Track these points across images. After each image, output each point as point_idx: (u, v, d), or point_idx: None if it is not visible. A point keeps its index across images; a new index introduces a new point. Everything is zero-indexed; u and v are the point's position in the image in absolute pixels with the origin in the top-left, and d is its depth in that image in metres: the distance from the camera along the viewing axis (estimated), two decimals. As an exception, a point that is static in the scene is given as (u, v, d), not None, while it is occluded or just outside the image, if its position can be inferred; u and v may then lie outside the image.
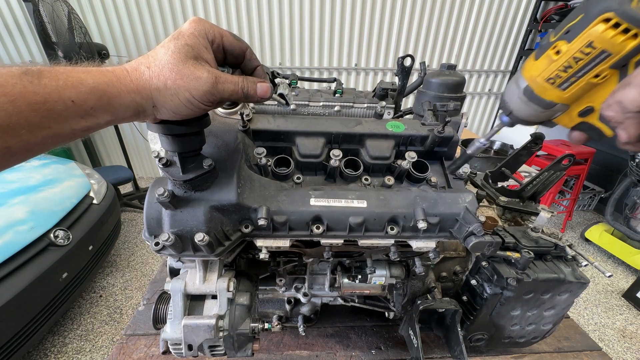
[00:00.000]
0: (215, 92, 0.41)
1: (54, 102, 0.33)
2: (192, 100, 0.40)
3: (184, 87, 0.39)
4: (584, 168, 3.24)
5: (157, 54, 0.40)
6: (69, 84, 0.34)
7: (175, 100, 0.40)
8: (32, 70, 0.33)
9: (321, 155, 0.70)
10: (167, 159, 0.53)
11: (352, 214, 0.61)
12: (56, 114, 0.34)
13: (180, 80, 0.39)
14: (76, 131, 0.37)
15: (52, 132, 0.35)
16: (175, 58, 0.39)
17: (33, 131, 0.33)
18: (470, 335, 0.85)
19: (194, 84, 0.39)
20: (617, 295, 2.63)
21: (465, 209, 0.63)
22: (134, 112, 0.40)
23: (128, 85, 0.38)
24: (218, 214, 0.57)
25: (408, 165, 0.66)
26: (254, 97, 0.46)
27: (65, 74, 0.35)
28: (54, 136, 0.35)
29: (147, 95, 0.39)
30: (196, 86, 0.40)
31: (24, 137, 0.33)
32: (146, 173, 4.27)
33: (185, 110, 0.42)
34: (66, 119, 0.35)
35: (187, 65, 0.39)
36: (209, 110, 0.45)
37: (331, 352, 0.96)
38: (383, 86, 0.85)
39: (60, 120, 0.34)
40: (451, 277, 0.87)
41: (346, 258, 0.83)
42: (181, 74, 0.39)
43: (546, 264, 0.76)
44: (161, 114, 0.42)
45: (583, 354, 0.99)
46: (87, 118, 0.36)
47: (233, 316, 0.70)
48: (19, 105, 0.31)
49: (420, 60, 3.67)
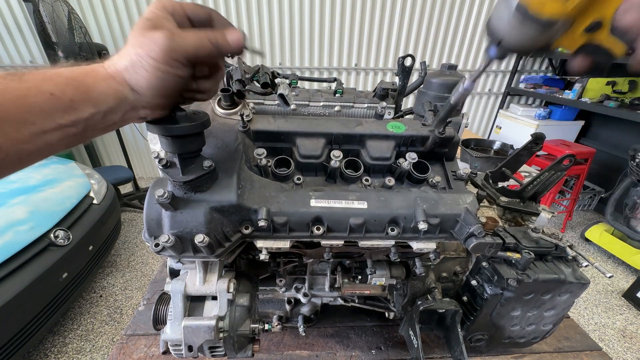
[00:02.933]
0: (176, 47, 0.39)
1: (34, 95, 0.34)
2: (157, 66, 0.39)
3: (145, 54, 0.38)
4: (584, 168, 3.25)
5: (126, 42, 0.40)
6: (47, 77, 0.36)
7: (143, 72, 0.39)
8: (16, 72, 0.35)
9: (321, 156, 0.70)
10: (167, 160, 0.53)
11: (352, 215, 0.61)
12: (38, 108, 0.35)
13: (140, 48, 0.38)
14: (63, 127, 0.37)
15: (38, 129, 0.35)
16: (136, 34, 0.39)
17: (19, 128, 0.34)
18: (470, 335, 0.85)
19: (152, 46, 0.38)
20: (617, 295, 2.63)
21: (465, 210, 0.62)
22: (114, 100, 0.39)
23: (102, 73, 0.39)
24: (218, 215, 0.57)
25: (409, 166, 0.66)
26: (227, 47, 0.43)
27: (45, 70, 0.37)
28: (42, 133, 0.35)
29: (121, 79, 0.39)
30: (154, 47, 0.38)
31: (11, 134, 0.33)
32: (146, 173, 4.27)
33: (158, 82, 0.40)
34: (49, 113, 0.35)
35: (144, 35, 0.38)
36: (182, 75, 0.42)
37: (331, 352, 0.96)
38: (383, 86, 0.85)
39: (43, 114, 0.35)
40: (451, 277, 0.87)
41: (346, 259, 0.83)
42: (140, 43, 0.38)
43: (547, 264, 0.76)
44: (144, 98, 0.41)
45: (583, 354, 0.99)
46: (69, 112, 0.37)
47: (233, 317, 0.70)
48: (1, 100, 0.33)
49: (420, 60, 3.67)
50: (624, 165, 2.93)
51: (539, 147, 0.92)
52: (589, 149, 3.30)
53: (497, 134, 4.03)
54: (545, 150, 3.29)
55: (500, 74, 4.00)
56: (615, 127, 3.54)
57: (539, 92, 3.74)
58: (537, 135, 0.90)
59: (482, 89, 4.09)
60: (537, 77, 3.93)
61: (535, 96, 3.98)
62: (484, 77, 3.99)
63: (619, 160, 3.42)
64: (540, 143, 0.91)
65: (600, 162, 3.59)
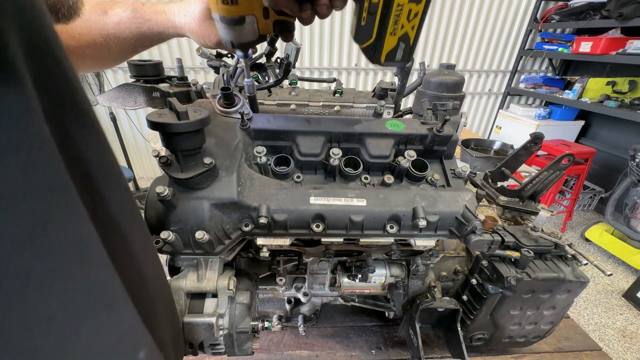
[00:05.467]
0: (218, 47, 0.67)
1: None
2: (203, 44, 0.66)
3: (201, 36, 0.64)
4: (584, 168, 3.25)
5: (190, 7, 0.64)
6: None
7: (194, 37, 0.65)
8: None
9: (321, 154, 0.70)
10: (168, 157, 0.53)
11: (352, 213, 0.61)
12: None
13: (200, 32, 0.64)
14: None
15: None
16: (199, 17, 0.63)
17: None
18: (470, 334, 0.85)
19: (207, 38, 0.64)
20: (617, 295, 2.63)
21: (464, 207, 0.63)
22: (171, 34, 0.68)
23: (171, 20, 0.67)
24: (218, 213, 0.58)
25: (407, 164, 0.67)
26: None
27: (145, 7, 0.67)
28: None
29: (179, 29, 0.67)
30: (207, 39, 0.65)
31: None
32: (146, 173, 4.27)
33: (198, 41, 0.66)
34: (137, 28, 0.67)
35: (204, 24, 0.63)
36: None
37: (331, 352, 0.96)
38: (382, 86, 0.86)
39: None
40: (451, 276, 0.87)
41: (346, 257, 0.83)
42: (201, 28, 0.63)
43: (546, 263, 0.76)
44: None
45: (583, 354, 0.99)
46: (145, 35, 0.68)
47: (233, 315, 0.70)
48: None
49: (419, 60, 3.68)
50: (624, 165, 2.94)
51: (538, 146, 0.92)
52: (589, 148, 3.30)
53: (497, 134, 4.03)
54: (545, 150, 3.29)
55: (500, 74, 4.00)
56: (615, 127, 3.54)
57: (539, 92, 3.74)
58: (536, 135, 0.90)
59: (482, 88, 4.09)
60: (537, 77, 3.94)
61: (535, 96, 3.99)
62: (484, 77, 4.00)
63: (619, 160, 3.42)
64: (539, 143, 0.91)
65: (600, 162, 3.59)
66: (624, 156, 3.09)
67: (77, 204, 0.24)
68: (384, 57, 0.52)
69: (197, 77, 3.57)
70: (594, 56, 3.11)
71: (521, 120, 3.71)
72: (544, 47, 3.64)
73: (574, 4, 3.19)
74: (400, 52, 0.52)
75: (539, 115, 3.69)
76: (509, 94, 4.09)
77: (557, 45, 3.53)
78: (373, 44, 0.51)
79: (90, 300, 0.25)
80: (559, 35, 3.61)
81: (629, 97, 3.13)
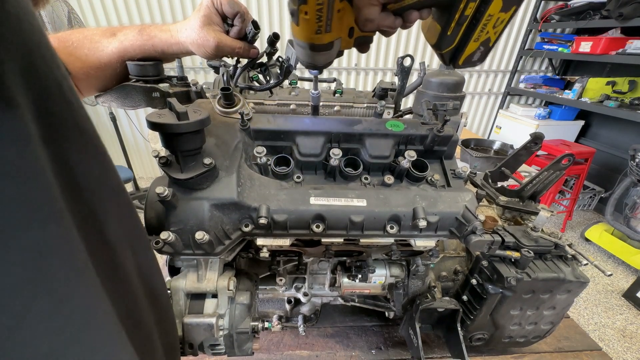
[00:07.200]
0: (218, 52, 0.67)
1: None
2: (204, 53, 0.67)
3: (201, 45, 0.66)
4: (584, 168, 3.25)
5: (190, 21, 0.66)
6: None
7: (194, 48, 0.67)
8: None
9: (321, 155, 0.70)
10: (168, 158, 0.53)
11: (352, 213, 0.61)
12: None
13: (199, 40, 0.65)
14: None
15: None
16: (198, 26, 0.64)
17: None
18: (470, 335, 0.85)
19: (206, 44, 0.65)
20: (617, 295, 2.63)
21: (464, 207, 0.63)
22: (176, 51, 0.70)
23: (173, 38, 0.68)
24: (218, 213, 0.58)
25: (408, 164, 0.67)
26: (248, 56, 0.73)
27: (148, 29, 0.68)
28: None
29: (183, 46, 0.68)
30: (206, 45, 0.66)
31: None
32: (146, 173, 4.27)
33: (199, 52, 0.68)
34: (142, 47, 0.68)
35: (203, 31, 0.64)
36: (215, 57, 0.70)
37: (331, 352, 0.96)
38: (383, 86, 0.85)
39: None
40: (451, 276, 0.87)
41: (346, 257, 0.83)
42: (200, 36, 0.65)
43: (546, 263, 0.76)
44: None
45: (583, 354, 0.99)
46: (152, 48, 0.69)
47: (233, 315, 0.70)
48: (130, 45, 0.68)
49: (420, 60, 3.68)
50: (624, 165, 2.94)
51: (538, 146, 0.92)
52: (589, 148, 3.30)
53: (497, 134, 4.03)
54: (545, 150, 3.29)
55: (500, 74, 4.00)
56: (615, 127, 3.54)
57: (539, 92, 3.74)
58: (536, 135, 0.90)
59: (482, 88, 4.09)
60: (537, 77, 3.94)
61: (535, 96, 3.99)
62: (484, 77, 4.00)
63: (619, 160, 3.42)
64: (539, 143, 0.91)
65: (600, 162, 3.59)
66: (624, 156, 3.09)
67: (72, 235, 0.23)
68: (463, 60, 0.52)
69: (197, 77, 3.58)
70: (594, 56, 3.11)
71: (521, 120, 3.71)
72: (543, 47, 3.64)
73: (573, 4, 3.19)
74: (479, 54, 0.52)
75: (539, 115, 3.69)
76: (509, 94, 4.09)
77: (557, 45, 3.53)
78: (453, 49, 0.52)
79: (81, 334, 0.23)
80: (559, 35, 3.61)
81: (629, 97, 3.13)
